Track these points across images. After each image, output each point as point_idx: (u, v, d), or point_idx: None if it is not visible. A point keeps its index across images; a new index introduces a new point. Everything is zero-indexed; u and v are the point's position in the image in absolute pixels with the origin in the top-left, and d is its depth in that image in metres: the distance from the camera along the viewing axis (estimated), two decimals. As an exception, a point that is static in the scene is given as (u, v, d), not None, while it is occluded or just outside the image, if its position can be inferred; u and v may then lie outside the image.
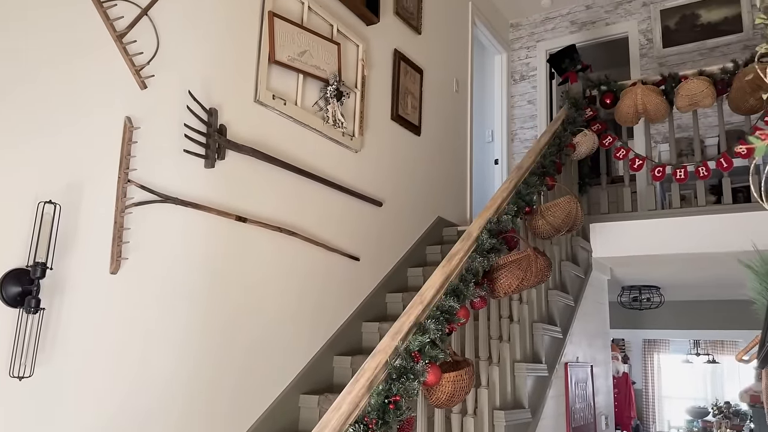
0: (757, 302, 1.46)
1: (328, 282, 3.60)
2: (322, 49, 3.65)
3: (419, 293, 2.28)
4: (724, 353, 9.40)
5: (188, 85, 2.82)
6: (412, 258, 4.37)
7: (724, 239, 3.87)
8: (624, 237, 4.19)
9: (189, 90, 2.81)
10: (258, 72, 3.21)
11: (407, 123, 4.54)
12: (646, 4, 6.08)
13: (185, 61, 2.82)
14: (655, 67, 5.91)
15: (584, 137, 4.02)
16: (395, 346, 2.04)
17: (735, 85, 3.87)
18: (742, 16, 5.49)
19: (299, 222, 3.41)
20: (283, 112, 3.33)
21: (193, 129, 2.81)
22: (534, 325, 3.25)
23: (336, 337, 3.58)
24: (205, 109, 2.87)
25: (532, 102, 6.50)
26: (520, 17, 6.79)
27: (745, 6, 5.49)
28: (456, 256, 2.48)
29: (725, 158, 3.99)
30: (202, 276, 2.80)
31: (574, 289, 3.90)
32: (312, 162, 3.55)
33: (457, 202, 5.23)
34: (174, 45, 2.77)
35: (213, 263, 2.86)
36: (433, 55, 5.04)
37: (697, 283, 5.86)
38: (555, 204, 3.16)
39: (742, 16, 5.49)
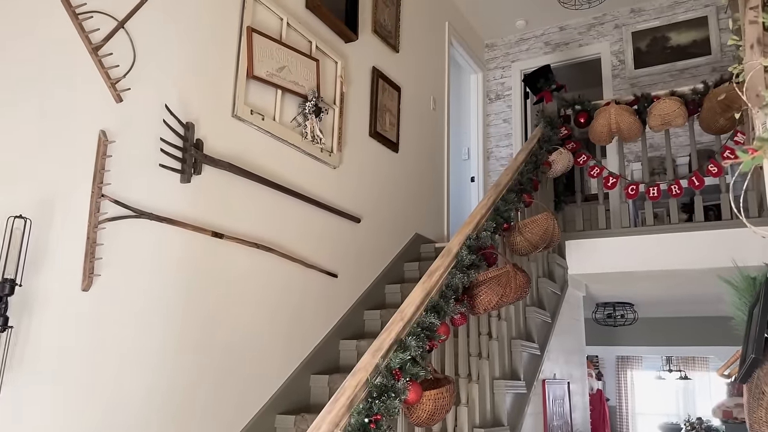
0: (737, 318, 1.48)
1: (306, 299, 3.56)
2: (300, 65, 3.64)
3: (400, 310, 2.26)
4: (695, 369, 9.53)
5: (165, 98, 2.78)
6: (390, 275, 4.35)
7: (696, 256, 3.94)
8: (599, 254, 4.24)
9: (165, 104, 2.77)
10: (236, 87, 3.18)
11: (385, 140, 4.54)
12: (618, 27, 6.23)
13: (162, 75, 2.78)
14: (627, 88, 6.04)
15: (560, 155, 4.07)
16: (376, 364, 2.01)
17: (706, 105, 3.97)
18: (711, 39, 5.65)
19: (277, 238, 3.37)
20: (261, 127, 3.31)
21: (169, 143, 2.76)
22: (512, 342, 3.25)
23: (313, 356, 3.53)
24: (182, 124, 2.83)
25: (508, 121, 6.57)
26: (496, 38, 6.89)
27: (714, 30, 5.66)
28: (436, 273, 2.47)
29: (697, 177, 4.07)
30: (176, 293, 2.74)
31: (551, 305, 3.92)
32: (290, 178, 3.53)
33: (435, 218, 5.24)
34: (151, 58, 2.74)
35: (188, 280, 2.80)
36: (410, 73, 5.08)
37: (669, 300, 5.94)
38: (533, 220, 3.18)
39: (711, 40, 5.65)
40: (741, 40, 2.09)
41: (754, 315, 1.39)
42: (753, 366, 1.26)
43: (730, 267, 3.88)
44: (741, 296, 1.43)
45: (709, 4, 5.73)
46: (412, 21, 5.19)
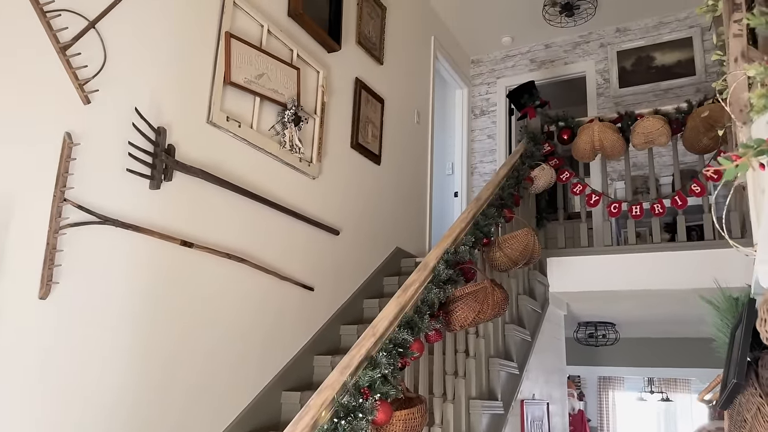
0: (718, 339, 1.41)
1: (280, 313, 3.45)
2: (280, 73, 3.57)
3: (372, 325, 2.17)
4: (677, 391, 9.49)
5: (136, 102, 2.69)
6: (368, 289, 4.26)
7: (678, 276, 3.89)
8: (580, 272, 4.18)
9: (136, 107, 2.68)
10: (212, 92, 3.10)
11: (367, 152, 4.47)
12: (603, 45, 6.24)
13: (134, 78, 2.70)
14: (611, 107, 6.04)
15: (542, 171, 4.03)
16: (343, 382, 1.91)
17: (689, 124, 3.95)
18: (695, 59, 5.68)
19: (251, 249, 3.27)
20: (237, 134, 3.22)
21: (139, 148, 2.67)
22: (490, 361, 3.16)
23: (286, 371, 3.42)
24: (153, 128, 2.74)
25: (492, 137, 6.54)
26: (481, 54, 6.88)
27: (698, 50, 5.68)
28: (411, 287, 2.39)
29: (680, 196, 4.04)
30: (142, 304, 2.63)
31: (531, 323, 3.84)
32: (266, 187, 3.44)
33: (417, 233, 5.17)
34: (123, 60, 2.65)
35: (155, 290, 2.69)
36: (394, 86, 5.03)
37: (651, 320, 5.89)
38: (513, 236, 3.12)
39: (695, 60, 5.68)
40: (725, 55, 2.05)
41: (736, 337, 1.32)
42: (734, 392, 1.19)
43: (712, 288, 3.84)
44: (723, 317, 1.36)
45: (694, 26, 5.76)
46: (397, 34, 5.15)
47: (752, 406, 1.14)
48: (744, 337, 1.21)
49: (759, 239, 1.01)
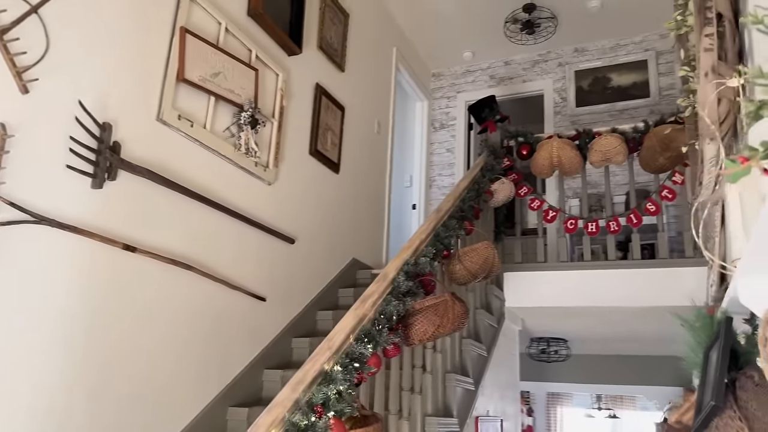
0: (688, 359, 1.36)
1: (228, 324, 3.28)
2: (238, 73, 3.43)
3: (327, 338, 2.05)
4: (623, 408, 9.64)
5: (80, 94, 2.51)
6: (323, 300, 4.12)
7: (632, 294, 3.91)
8: (537, 287, 4.16)
9: (80, 100, 2.50)
10: (164, 89, 2.94)
11: (326, 159, 4.36)
12: (561, 65, 6.33)
13: (79, 69, 2.52)
14: (567, 125, 6.11)
15: (502, 185, 4.00)
16: (296, 399, 1.79)
17: (646, 143, 4.00)
18: (650, 82, 5.81)
19: (199, 256, 3.10)
20: (189, 134, 3.06)
21: (81, 143, 2.48)
22: (447, 376, 3.08)
23: (233, 386, 3.25)
24: (98, 123, 2.56)
25: (451, 150, 6.53)
26: (442, 67, 6.89)
27: (653, 73, 5.82)
28: (370, 299, 2.28)
29: (635, 214, 4.08)
30: (79, 310, 2.43)
31: (487, 338, 3.78)
32: (219, 191, 3.28)
33: (373, 244, 5.07)
34: (67, 49, 2.47)
35: (93, 296, 2.50)
36: (355, 94, 4.94)
37: (602, 338, 5.95)
38: (473, 249, 3.05)
39: (650, 83, 5.81)
40: (692, 72, 2.04)
41: (711, 358, 1.27)
42: (712, 414, 1.13)
43: (664, 306, 3.88)
44: (697, 336, 1.31)
45: (649, 49, 5.90)
46: (360, 42, 5.08)
47: (731, 430, 1.08)
48: (722, 357, 1.15)
49: (745, 252, 0.96)
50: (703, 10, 1.72)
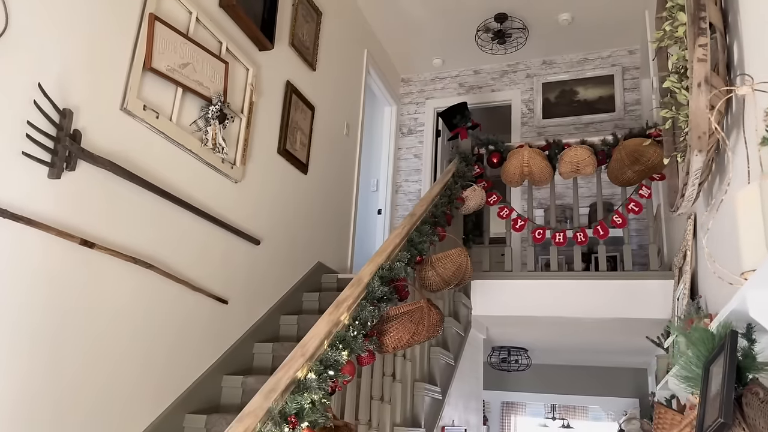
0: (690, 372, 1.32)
1: (189, 326, 3.13)
2: (207, 65, 3.30)
3: (301, 344, 1.95)
4: (575, 418, 9.76)
5: (40, 77, 2.34)
6: (286, 304, 4.00)
7: (597, 305, 3.92)
8: (504, 296, 4.13)
9: (39, 83, 2.33)
10: (129, 77, 2.78)
11: (294, 159, 4.25)
12: (529, 76, 6.38)
13: (39, 49, 2.35)
14: (534, 136, 6.15)
15: (473, 192, 3.97)
16: (268, 408, 1.68)
17: (615, 156, 4.03)
18: (615, 97, 5.90)
19: (160, 254, 2.94)
20: (153, 126, 2.91)
21: (39, 130, 2.31)
22: (416, 385, 3.00)
23: (191, 391, 3.09)
24: (58, 109, 2.40)
25: (418, 156, 6.49)
26: (412, 73, 6.85)
27: (618, 88, 5.92)
28: (344, 303, 2.19)
29: (602, 226, 4.11)
30: (29, 308, 2.25)
31: (454, 347, 3.73)
32: (183, 187, 3.13)
33: (339, 248, 4.96)
34: (28, 28, 2.30)
35: (45, 293, 2.32)
36: (326, 94, 4.84)
37: (562, 348, 5.98)
38: (446, 255, 3.00)
39: (615, 98, 5.90)
40: (678, 83, 2.03)
41: (712, 372, 1.23)
42: (720, 431, 1.08)
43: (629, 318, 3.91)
44: (696, 350, 1.27)
45: (616, 64, 6.00)
46: (332, 42, 4.99)
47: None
48: (728, 372, 1.11)
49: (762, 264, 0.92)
50: (698, 21, 1.70)
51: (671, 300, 3.61)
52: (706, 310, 2.44)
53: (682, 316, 2.68)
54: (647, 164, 3.91)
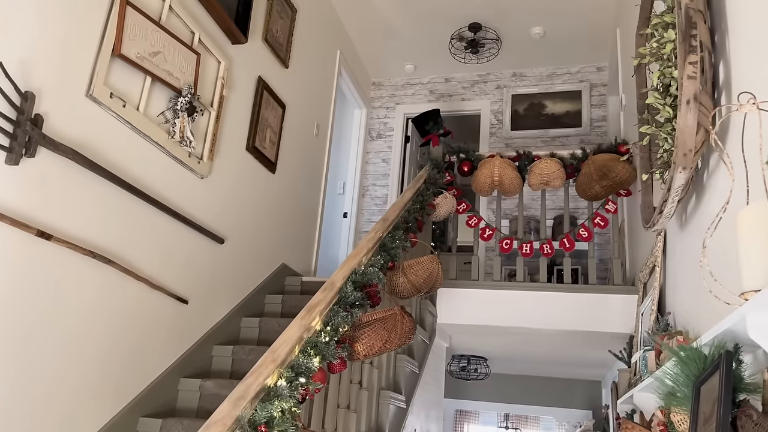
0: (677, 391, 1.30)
1: (147, 326, 2.99)
2: (179, 55, 3.18)
3: (271, 349, 1.87)
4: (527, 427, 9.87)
5: (1, 56, 2.19)
6: (248, 306, 3.88)
7: (560, 316, 3.95)
8: (469, 305, 4.12)
9: (0, 62, 2.18)
10: (97, 62, 2.65)
11: (263, 157, 4.14)
12: (500, 87, 6.42)
13: (2, 28, 2.20)
14: (502, 147, 6.19)
15: (445, 199, 3.95)
16: (237, 416, 1.59)
17: (583, 170, 4.08)
18: (582, 112, 5.99)
19: (120, 249, 2.80)
20: (120, 115, 2.77)
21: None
22: (381, 393, 2.95)
23: (146, 394, 2.95)
24: (19, 91, 2.25)
25: (387, 161, 6.45)
26: (383, 77, 6.82)
27: (586, 104, 6.01)
28: (316, 308, 2.12)
29: (568, 239, 4.14)
30: (-26, 303, 2.10)
31: (419, 355, 3.69)
32: (147, 180, 3.00)
33: (304, 250, 4.87)
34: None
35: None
36: (297, 93, 4.75)
37: (521, 358, 6.02)
38: (418, 262, 2.95)
39: (582, 113, 5.99)
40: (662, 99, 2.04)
41: (702, 392, 1.22)
42: (716, 453, 1.06)
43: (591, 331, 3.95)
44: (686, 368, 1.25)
45: (584, 80, 6.10)
46: (306, 40, 4.90)
47: (738, 473, 1.02)
48: (724, 393, 1.09)
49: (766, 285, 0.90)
50: (689, 38, 1.71)
51: (634, 315, 3.65)
52: (675, 326, 2.47)
53: (649, 332, 2.70)
54: (615, 180, 3.96)
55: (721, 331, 1.20)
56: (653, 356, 2.47)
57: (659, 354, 2.34)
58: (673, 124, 2.03)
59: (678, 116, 1.73)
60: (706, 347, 1.25)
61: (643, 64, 2.57)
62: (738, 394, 1.19)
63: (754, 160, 1.23)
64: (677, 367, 1.30)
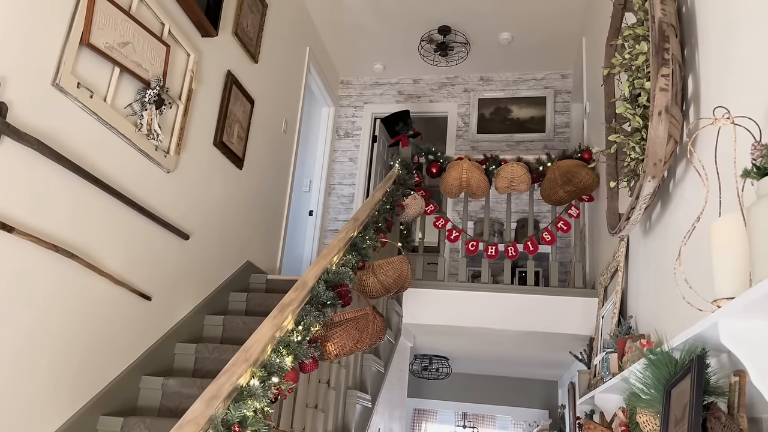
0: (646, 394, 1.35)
1: (109, 322, 2.92)
2: (148, 46, 3.11)
3: (244, 348, 1.85)
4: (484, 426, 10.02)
5: (-38, 39, 2.11)
6: (212, 304, 3.82)
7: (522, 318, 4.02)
8: (435, 305, 4.15)
9: (-39, 46, 2.10)
10: (64, 51, 2.57)
11: (230, 153, 4.08)
12: (467, 91, 6.49)
13: (-37, 8, 2.12)
14: (468, 149, 6.26)
15: (414, 200, 3.97)
16: (210, 416, 1.57)
17: (548, 176, 4.16)
18: (546, 118, 6.11)
19: (84, 243, 2.72)
20: (86, 105, 2.70)
21: (-42, 97, 2.08)
22: (348, 393, 2.95)
23: (107, 393, 2.88)
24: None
25: (354, 160, 6.45)
26: (352, 76, 6.81)
27: (550, 110, 6.13)
28: (289, 307, 2.10)
29: (532, 242, 4.22)
30: (-71, 297, 2.01)
31: (385, 354, 3.71)
32: (112, 173, 2.92)
33: (269, 248, 4.82)
34: (-49, -17, 2.07)
35: (-49, 281, 2.08)
36: (266, 89, 4.70)
37: (481, 358, 6.11)
38: (388, 262, 2.97)
39: (546, 119, 6.11)
40: (633, 110, 2.10)
41: (672, 395, 1.26)
42: (687, 453, 1.11)
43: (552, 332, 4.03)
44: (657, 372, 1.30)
45: (549, 87, 6.22)
46: (276, 35, 4.86)
47: (707, 472, 1.06)
48: (696, 396, 1.14)
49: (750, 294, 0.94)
50: (662, 51, 1.76)
51: (594, 317, 3.75)
52: (637, 329, 2.54)
53: (611, 334, 2.78)
54: (579, 185, 4.06)
55: (692, 336, 1.25)
56: (615, 358, 2.54)
57: (622, 356, 2.42)
58: (642, 133, 2.09)
59: (650, 127, 1.78)
60: (677, 351, 1.30)
61: (612, 74, 2.64)
62: (706, 397, 1.24)
63: (727, 173, 1.28)
64: (648, 370, 1.34)
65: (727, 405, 1.27)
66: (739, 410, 1.22)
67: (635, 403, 1.52)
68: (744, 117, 1.18)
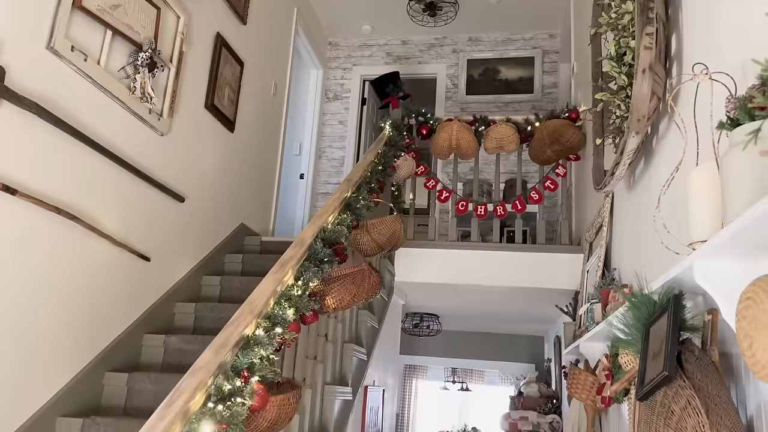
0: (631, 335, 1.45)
1: (109, 283, 3.00)
2: (139, 9, 3.11)
3: (248, 301, 1.94)
4: (473, 381, 10.32)
5: (-43, 2, 2.12)
6: (209, 265, 3.91)
7: (512, 275, 4.14)
8: (426, 264, 4.26)
9: (-43, 9, 2.11)
10: (57, 14, 2.57)
11: (222, 116, 4.11)
12: (456, 52, 6.50)
13: (-43, -29, 2.12)
14: (457, 111, 6.30)
15: (405, 161, 4.04)
16: (219, 363, 1.67)
17: (536, 135, 4.23)
18: (535, 79, 6.15)
19: (84, 206, 2.78)
20: (81, 69, 2.72)
21: (-44, 61, 2.11)
22: (345, 346, 3.07)
23: (111, 350, 2.98)
24: (-22, 40, 2.19)
25: (343, 123, 6.47)
26: (340, 38, 6.77)
27: (538, 71, 6.17)
28: (289, 263, 2.19)
29: (520, 201, 4.32)
30: (-61, 257, 2.08)
31: (379, 311, 3.83)
32: (108, 136, 2.96)
33: (261, 211, 4.89)
34: (-57, -55, 2.07)
35: (-41, 242, 2.15)
36: (255, 51, 4.70)
37: (470, 315, 6.28)
38: (381, 221, 3.05)
39: (534, 79, 6.15)
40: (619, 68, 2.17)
41: (651, 333, 1.37)
42: (662, 384, 1.22)
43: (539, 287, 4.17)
44: (638, 312, 1.40)
45: (537, 47, 6.25)
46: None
47: (681, 399, 1.17)
48: (672, 330, 1.24)
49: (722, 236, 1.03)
50: (646, 10, 1.83)
51: (580, 272, 3.88)
52: (620, 281, 2.67)
53: (596, 286, 2.91)
54: (566, 144, 4.14)
55: (669, 278, 1.35)
56: (600, 308, 2.68)
57: (606, 306, 2.54)
58: (627, 91, 2.17)
59: (634, 84, 1.86)
60: (656, 294, 1.41)
61: (599, 33, 2.70)
62: (682, 333, 1.36)
63: (704, 126, 1.37)
64: (629, 312, 1.45)
65: (700, 341, 1.39)
66: (711, 345, 1.34)
67: (617, 344, 1.63)
68: (721, 72, 1.26)
